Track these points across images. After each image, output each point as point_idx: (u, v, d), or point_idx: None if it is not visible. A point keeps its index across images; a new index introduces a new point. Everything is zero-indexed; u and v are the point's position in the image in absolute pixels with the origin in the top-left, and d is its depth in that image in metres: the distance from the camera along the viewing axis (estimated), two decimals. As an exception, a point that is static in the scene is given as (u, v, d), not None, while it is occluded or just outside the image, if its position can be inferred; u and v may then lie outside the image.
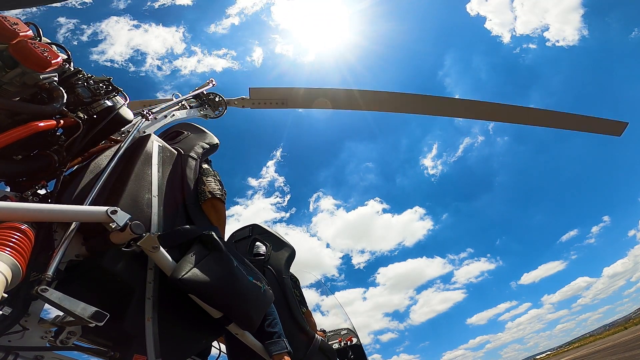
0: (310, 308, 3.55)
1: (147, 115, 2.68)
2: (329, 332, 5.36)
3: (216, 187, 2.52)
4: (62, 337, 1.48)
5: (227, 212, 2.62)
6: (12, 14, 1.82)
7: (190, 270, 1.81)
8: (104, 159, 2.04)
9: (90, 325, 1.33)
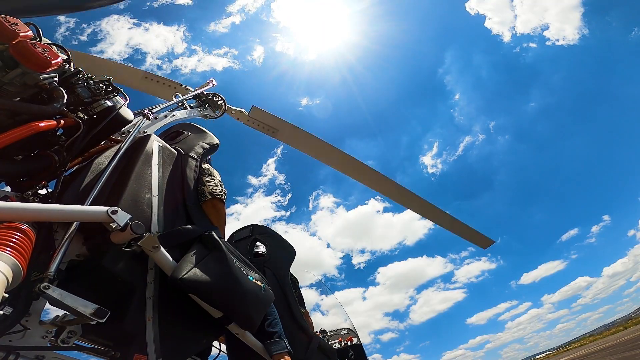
0: (310, 308, 3.56)
1: (148, 115, 2.68)
2: (329, 332, 5.36)
3: (216, 188, 2.52)
4: (63, 337, 1.48)
5: (227, 211, 2.63)
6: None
7: (191, 270, 1.82)
8: (104, 159, 2.04)
9: (92, 323, 1.34)
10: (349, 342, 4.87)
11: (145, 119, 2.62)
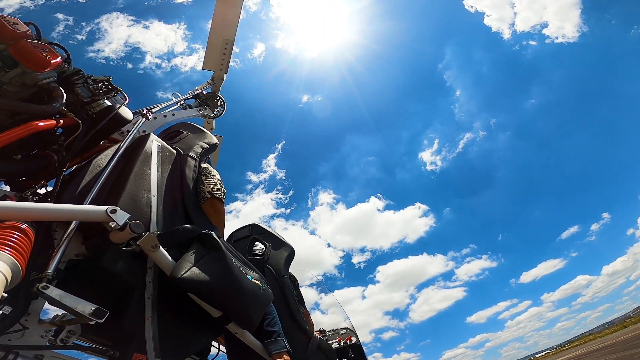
0: (309, 307, 3.55)
1: (147, 114, 2.68)
2: (329, 331, 5.35)
3: (215, 187, 2.53)
4: (62, 336, 1.49)
5: (227, 209, 2.63)
6: (11, 13, 1.83)
7: (190, 270, 1.81)
8: (103, 158, 2.04)
9: (91, 323, 1.34)
10: (348, 342, 4.86)
11: (144, 119, 2.62)
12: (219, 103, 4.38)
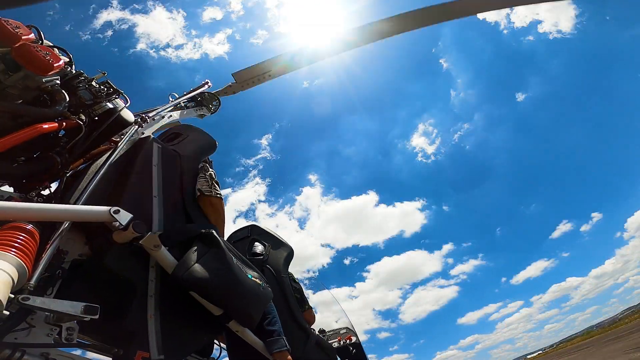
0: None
1: (147, 117, 2.72)
2: (328, 331, 5.37)
3: (205, 184, 2.56)
4: (65, 335, 1.51)
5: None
6: (12, 15, 1.85)
7: (191, 268, 1.85)
8: (105, 160, 2.07)
9: (85, 320, 1.35)
10: (348, 341, 4.89)
11: (144, 121, 2.65)
12: (214, 102, 4.42)
